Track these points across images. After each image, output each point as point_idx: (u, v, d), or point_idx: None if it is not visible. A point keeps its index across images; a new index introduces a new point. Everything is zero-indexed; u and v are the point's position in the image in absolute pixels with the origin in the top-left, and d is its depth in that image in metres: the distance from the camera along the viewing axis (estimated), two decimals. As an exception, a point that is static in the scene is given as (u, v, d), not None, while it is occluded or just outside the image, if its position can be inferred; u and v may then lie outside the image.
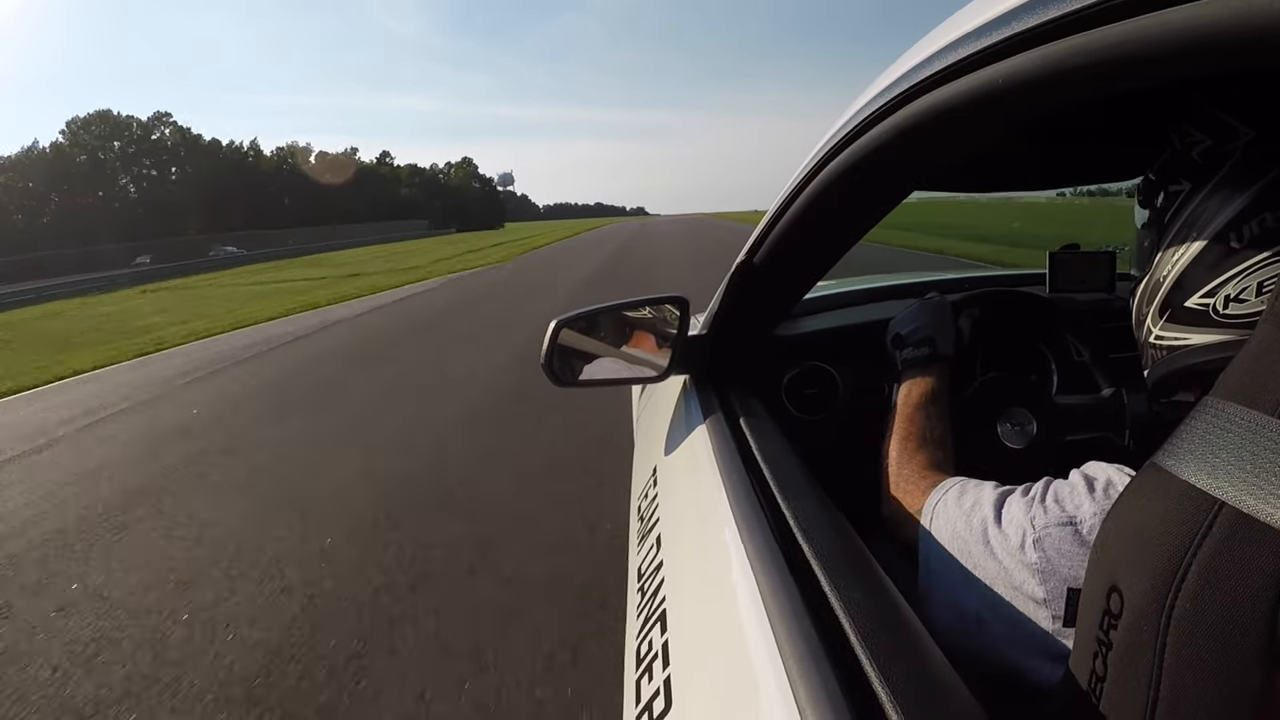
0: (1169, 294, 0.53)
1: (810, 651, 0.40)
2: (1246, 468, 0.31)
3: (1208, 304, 0.50)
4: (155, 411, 4.90)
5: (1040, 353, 1.04)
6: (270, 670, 1.84)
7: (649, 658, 0.57)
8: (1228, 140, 0.48)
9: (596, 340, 0.97)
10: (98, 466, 3.72)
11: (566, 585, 2.14)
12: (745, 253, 0.84)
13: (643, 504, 0.94)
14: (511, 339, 6.57)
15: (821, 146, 0.64)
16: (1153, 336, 0.56)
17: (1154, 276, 0.55)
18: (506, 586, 2.18)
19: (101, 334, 10.25)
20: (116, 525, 2.91)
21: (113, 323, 12.01)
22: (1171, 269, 0.52)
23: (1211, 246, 0.49)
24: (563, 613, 2.00)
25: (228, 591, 2.27)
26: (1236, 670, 0.30)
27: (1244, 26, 0.26)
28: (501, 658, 1.83)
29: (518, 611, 2.03)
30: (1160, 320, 0.54)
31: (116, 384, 6.05)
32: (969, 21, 0.43)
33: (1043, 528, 0.49)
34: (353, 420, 4.27)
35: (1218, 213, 0.48)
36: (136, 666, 1.91)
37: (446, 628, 1.98)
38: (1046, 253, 1.17)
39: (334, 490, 3.10)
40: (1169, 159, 0.54)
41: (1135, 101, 0.67)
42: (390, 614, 2.07)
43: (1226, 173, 0.48)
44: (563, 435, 3.59)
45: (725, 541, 0.57)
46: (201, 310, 12.50)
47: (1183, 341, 0.53)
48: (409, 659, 1.85)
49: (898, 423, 0.77)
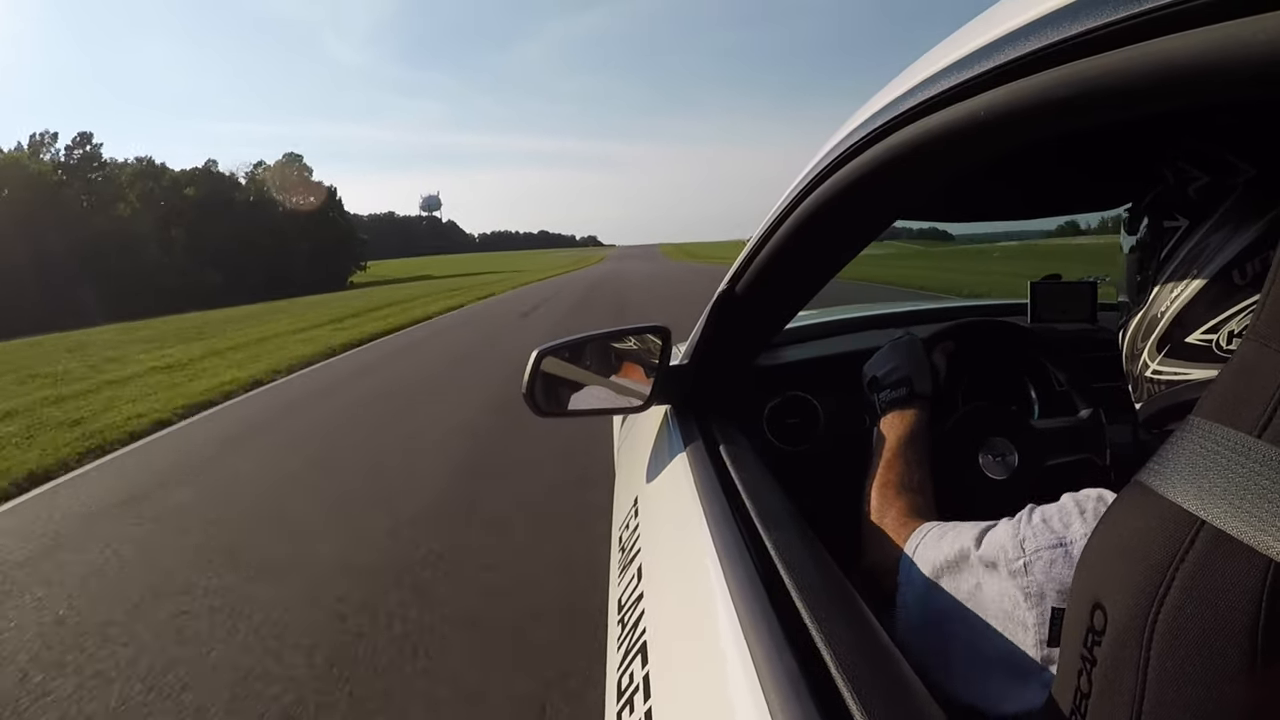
0: (1169, 329, 0.53)
1: (792, 684, 0.40)
2: (1226, 486, 0.31)
3: (1210, 340, 0.50)
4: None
5: (1021, 382, 1.05)
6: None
7: (630, 690, 0.56)
8: (1227, 177, 0.49)
9: (578, 370, 0.97)
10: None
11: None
12: (726, 282, 0.84)
13: (624, 534, 0.93)
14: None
15: (804, 177, 0.65)
16: (1150, 370, 0.56)
17: (1150, 311, 0.55)
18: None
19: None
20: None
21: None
22: (1171, 305, 0.53)
23: (1214, 284, 0.49)
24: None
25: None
26: (1220, 682, 0.30)
27: (1232, 59, 0.27)
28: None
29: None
30: (1159, 355, 0.55)
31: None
32: (951, 54, 0.43)
33: (1033, 551, 0.49)
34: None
35: (1220, 250, 0.49)
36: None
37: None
38: (1028, 283, 1.19)
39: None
40: (1163, 194, 0.55)
41: (1117, 134, 0.68)
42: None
43: (1228, 210, 0.49)
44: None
45: (707, 572, 0.57)
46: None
47: (1184, 376, 0.53)
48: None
49: (878, 470, 0.76)
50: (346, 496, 3.57)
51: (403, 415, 5.28)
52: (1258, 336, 0.34)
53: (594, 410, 0.98)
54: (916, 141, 0.47)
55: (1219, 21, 0.26)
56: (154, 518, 3.43)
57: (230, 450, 4.69)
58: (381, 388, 6.67)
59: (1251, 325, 0.35)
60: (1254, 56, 0.26)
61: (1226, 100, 0.30)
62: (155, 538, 3.19)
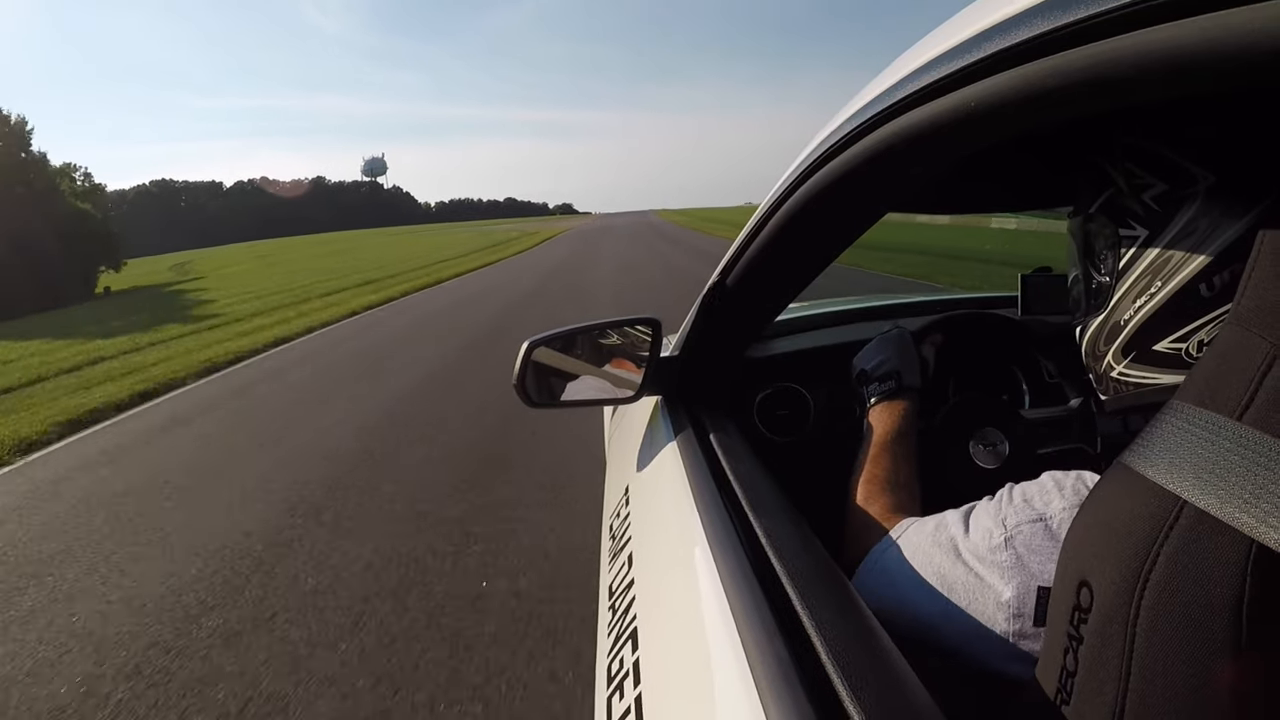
0: (1134, 337, 0.53)
1: (782, 670, 0.40)
2: (1206, 468, 0.32)
3: (1180, 348, 0.50)
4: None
5: (1011, 373, 1.06)
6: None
7: (620, 676, 0.56)
8: (1184, 185, 0.48)
9: (569, 360, 0.97)
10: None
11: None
12: (718, 274, 0.84)
13: (614, 522, 0.94)
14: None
15: (794, 169, 0.65)
16: (1115, 372, 0.56)
17: (1113, 318, 0.55)
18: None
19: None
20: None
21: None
22: (1135, 314, 0.52)
23: (1181, 296, 0.49)
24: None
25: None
26: (1205, 657, 0.31)
27: (1220, 49, 0.26)
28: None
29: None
30: (1124, 360, 0.54)
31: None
32: (941, 44, 0.43)
33: (1014, 526, 0.49)
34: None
35: (1186, 262, 0.48)
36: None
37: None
38: (1019, 275, 1.19)
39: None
40: (1114, 199, 0.54)
41: (1056, 132, 0.66)
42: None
43: (1190, 220, 0.48)
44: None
45: (697, 560, 0.57)
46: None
47: (1152, 381, 0.53)
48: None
49: (865, 465, 0.76)
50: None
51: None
52: (1239, 320, 0.35)
53: (585, 401, 0.98)
54: (907, 133, 0.47)
55: (1211, 11, 0.26)
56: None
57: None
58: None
59: (1233, 309, 0.36)
60: (1247, 45, 0.26)
61: (1218, 90, 0.30)
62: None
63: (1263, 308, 0.34)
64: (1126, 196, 0.52)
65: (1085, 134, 0.58)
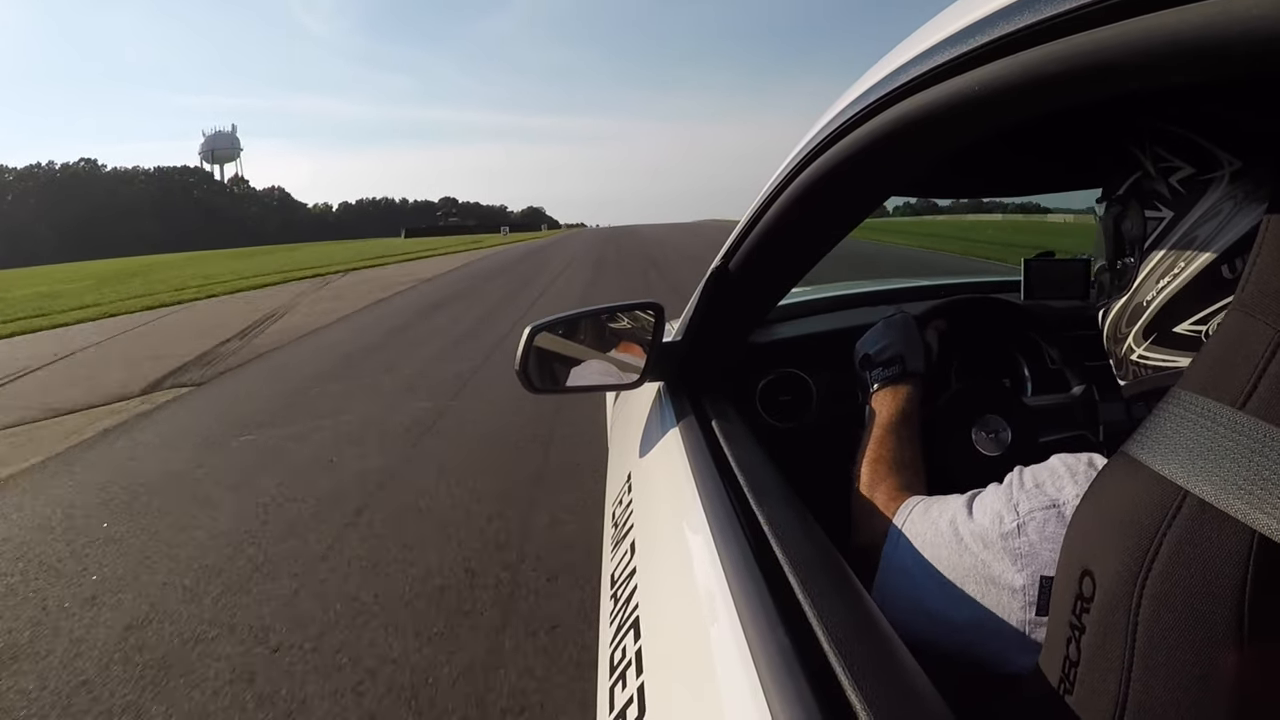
0: (1156, 318, 0.53)
1: (784, 658, 0.40)
2: (1207, 458, 0.32)
3: (1200, 330, 0.50)
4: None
5: (1014, 359, 1.06)
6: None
7: (622, 664, 0.57)
8: (1210, 169, 0.48)
9: (572, 345, 0.96)
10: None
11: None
12: (720, 259, 0.84)
13: (617, 510, 0.94)
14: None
15: (796, 154, 0.64)
16: (1135, 355, 0.56)
17: (1135, 299, 0.55)
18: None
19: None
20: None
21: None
22: (1157, 295, 0.52)
23: (1203, 277, 0.49)
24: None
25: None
26: (1207, 646, 0.31)
27: (1224, 35, 0.26)
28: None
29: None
30: (1145, 342, 0.54)
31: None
32: (944, 28, 0.43)
33: (1027, 513, 0.49)
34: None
35: (1209, 244, 0.48)
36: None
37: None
38: (1022, 260, 1.19)
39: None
40: (1141, 181, 0.54)
41: (1083, 115, 0.67)
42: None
43: (1215, 203, 0.48)
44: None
45: (699, 547, 0.57)
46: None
47: (1172, 364, 0.53)
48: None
49: (869, 447, 0.76)
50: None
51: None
52: (1243, 306, 0.34)
53: (588, 386, 0.98)
54: (910, 117, 0.47)
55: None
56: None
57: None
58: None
59: (1237, 295, 0.35)
60: (1250, 30, 0.25)
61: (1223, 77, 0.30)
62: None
63: (1266, 294, 0.34)
64: (1154, 179, 0.52)
65: (1115, 118, 0.58)
